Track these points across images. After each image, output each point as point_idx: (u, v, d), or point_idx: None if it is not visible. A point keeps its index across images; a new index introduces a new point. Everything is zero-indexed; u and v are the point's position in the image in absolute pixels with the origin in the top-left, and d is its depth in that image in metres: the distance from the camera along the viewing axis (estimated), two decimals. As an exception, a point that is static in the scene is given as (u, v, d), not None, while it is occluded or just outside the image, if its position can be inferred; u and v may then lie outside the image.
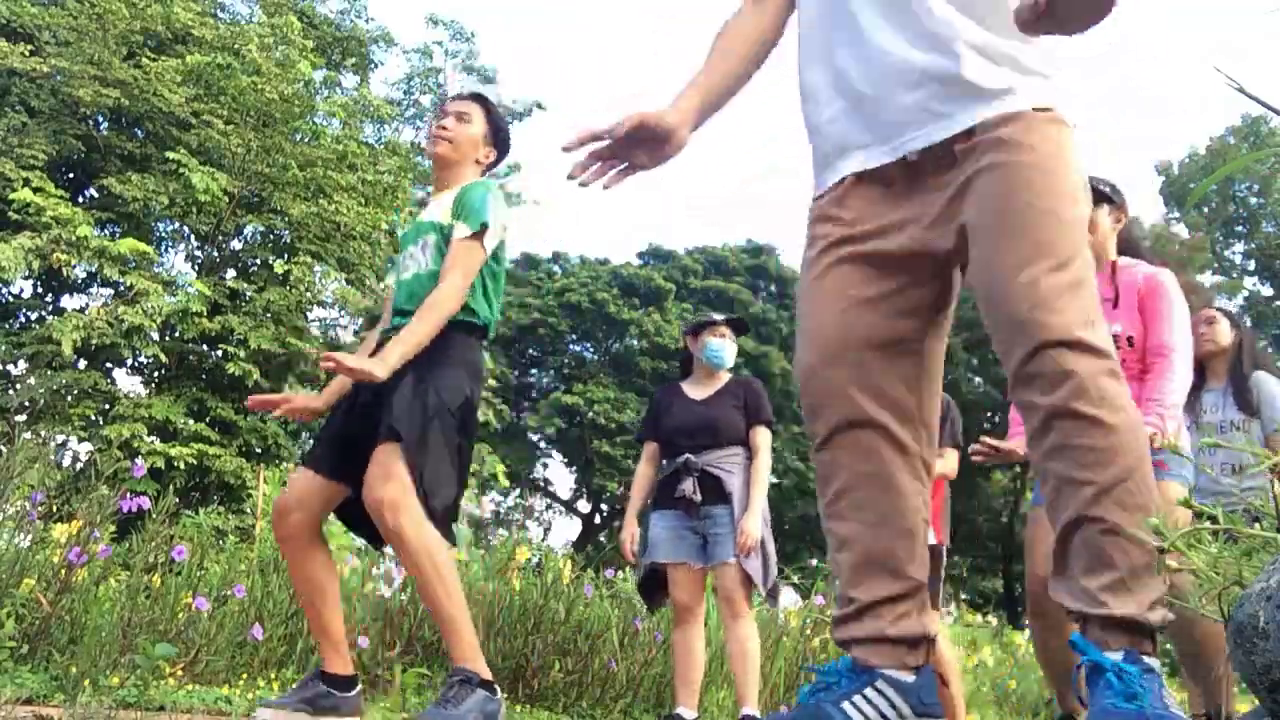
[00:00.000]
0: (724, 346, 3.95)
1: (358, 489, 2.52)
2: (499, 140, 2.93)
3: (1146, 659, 1.38)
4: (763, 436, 3.88)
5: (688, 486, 3.79)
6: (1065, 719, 2.75)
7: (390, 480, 2.40)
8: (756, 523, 3.72)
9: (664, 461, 3.98)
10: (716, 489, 3.79)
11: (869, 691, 1.53)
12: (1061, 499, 1.45)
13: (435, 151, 2.85)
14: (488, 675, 2.42)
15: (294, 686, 2.70)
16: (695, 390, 4.01)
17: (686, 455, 3.82)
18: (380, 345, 2.69)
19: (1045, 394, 1.45)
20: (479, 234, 2.64)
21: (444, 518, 2.47)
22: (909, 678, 1.56)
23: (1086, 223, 1.57)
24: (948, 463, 3.76)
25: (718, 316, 4.08)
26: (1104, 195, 2.90)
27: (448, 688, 2.35)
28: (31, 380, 8.95)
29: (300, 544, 2.58)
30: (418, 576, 2.43)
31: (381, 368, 2.40)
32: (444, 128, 2.84)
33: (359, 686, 2.67)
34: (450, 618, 2.41)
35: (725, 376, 4.02)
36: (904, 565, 1.60)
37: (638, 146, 1.66)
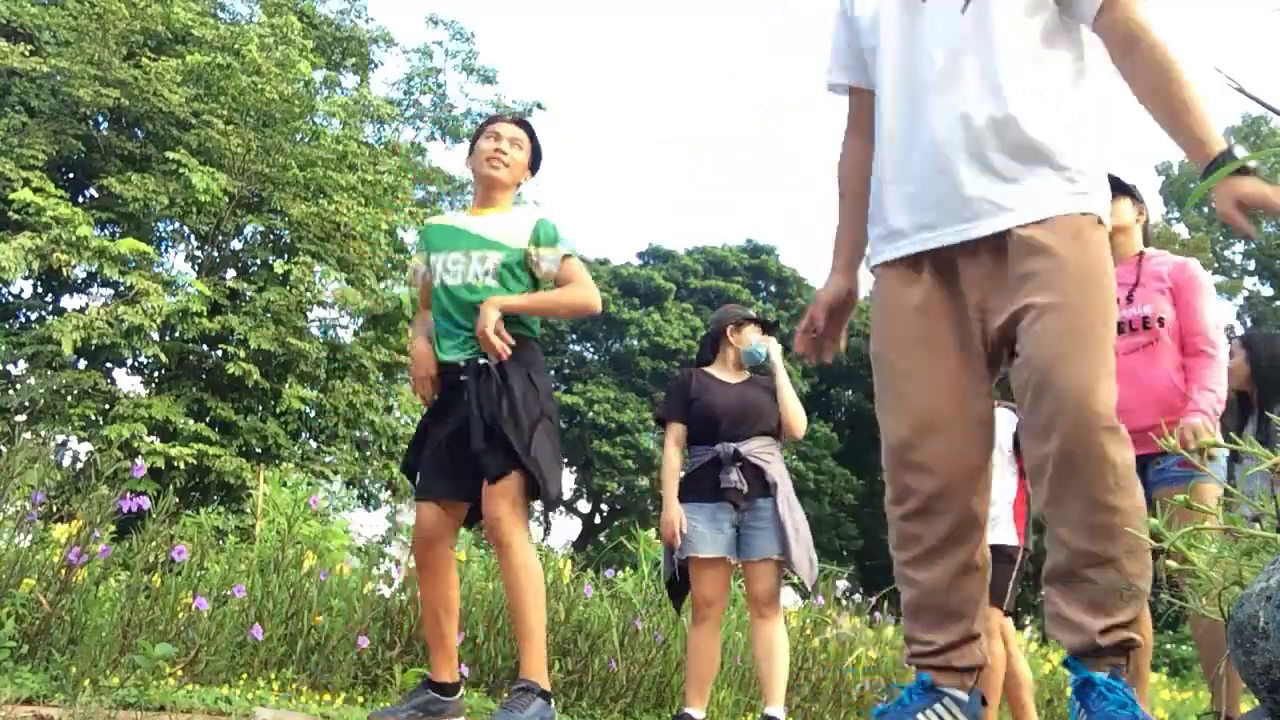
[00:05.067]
0: (758, 346, 3.87)
1: (473, 494, 2.88)
2: (536, 165, 3.18)
3: (1124, 672, 1.72)
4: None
5: (734, 477, 3.61)
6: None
7: (506, 498, 2.76)
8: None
9: (692, 447, 3.78)
10: (759, 479, 3.65)
11: (938, 706, 1.84)
12: (1059, 552, 1.75)
13: (494, 176, 3.05)
14: (548, 687, 2.75)
15: (404, 696, 3.02)
16: (726, 375, 3.88)
17: (733, 446, 3.64)
18: (450, 368, 2.96)
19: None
20: (572, 254, 3.02)
21: (558, 499, 2.92)
22: (966, 696, 1.87)
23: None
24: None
25: (754, 314, 4.01)
26: (1126, 188, 2.92)
27: (513, 695, 2.69)
28: (31, 380, 8.96)
29: (441, 569, 2.93)
30: (513, 587, 2.77)
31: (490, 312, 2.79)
32: (503, 153, 3.04)
33: (461, 692, 2.97)
34: (531, 631, 2.74)
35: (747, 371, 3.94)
36: (974, 617, 1.89)
37: (837, 316, 2.11)
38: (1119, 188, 2.84)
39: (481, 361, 2.84)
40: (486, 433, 2.76)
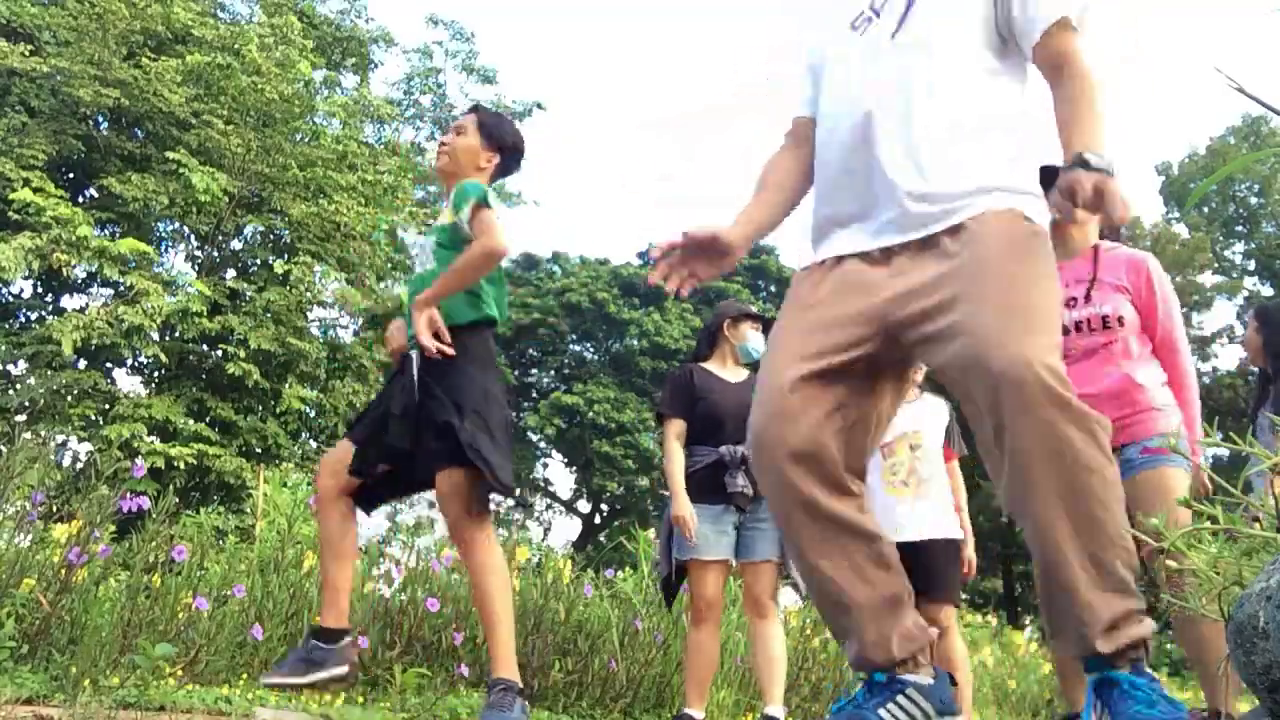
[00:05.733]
0: (751, 347, 3.84)
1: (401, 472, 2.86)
2: (496, 143, 3.05)
3: (1146, 668, 1.58)
4: None
5: (740, 482, 3.58)
6: (1069, 718, 2.74)
7: (457, 498, 2.72)
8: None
9: (694, 447, 3.73)
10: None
11: (900, 699, 1.73)
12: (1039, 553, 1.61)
13: (437, 167, 3.08)
14: (519, 682, 2.73)
15: (289, 650, 2.93)
16: (727, 373, 3.83)
17: (740, 450, 3.60)
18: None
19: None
20: (482, 203, 2.81)
21: (508, 487, 2.79)
22: (929, 680, 1.75)
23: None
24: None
25: (753, 310, 3.98)
26: None
27: (495, 694, 2.65)
28: (31, 380, 8.96)
29: (337, 507, 2.85)
30: (476, 585, 2.75)
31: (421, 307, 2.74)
32: (444, 144, 3.05)
33: (347, 639, 2.85)
34: (498, 628, 2.73)
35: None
36: (902, 589, 1.78)
37: (701, 257, 1.94)
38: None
39: (409, 350, 2.84)
40: (415, 427, 2.74)
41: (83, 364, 9.41)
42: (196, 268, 10.57)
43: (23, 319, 10.38)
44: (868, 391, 1.82)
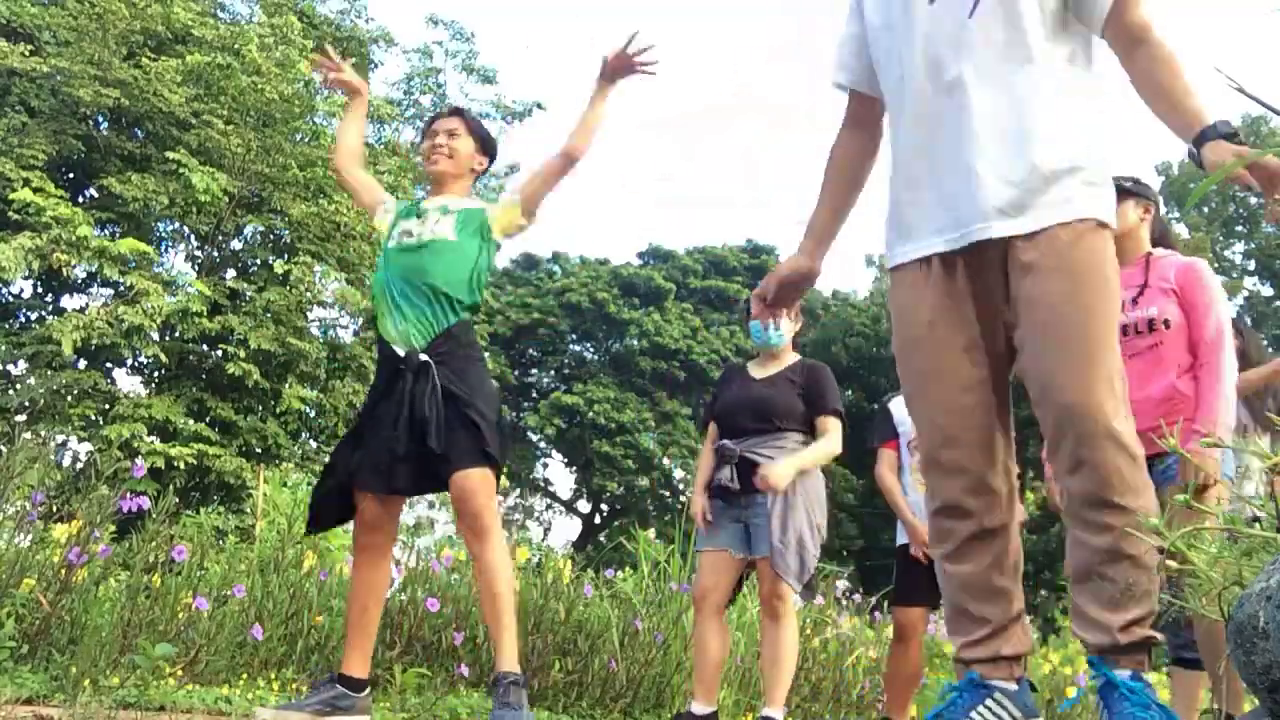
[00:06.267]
0: (760, 325, 3.70)
1: (418, 488, 2.92)
2: (487, 148, 3.15)
3: (1145, 672, 1.72)
4: (832, 425, 3.65)
5: (725, 474, 3.62)
6: None
7: (480, 495, 2.76)
8: (784, 472, 3.49)
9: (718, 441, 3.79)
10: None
11: (989, 702, 1.82)
12: (1078, 552, 1.77)
13: (437, 169, 3.06)
14: (520, 676, 2.77)
15: (310, 689, 2.92)
16: (758, 369, 3.83)
17: (732, 444, 3.63)
18: (384, 353, 2.94)
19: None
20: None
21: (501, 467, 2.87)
22: (1014, 686, 1.85)
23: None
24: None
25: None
26: (1126, 190, 2.91)
27: (503, 689, 2.69)
28: (31, 380, 8.95)
29: (378, 558, 2.91)
30: (489, 583, 2.77)
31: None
32: (440, 145, 3.05)
33: (369, 691, 2.91)
34: (506, 625, 2.77)
35: (791, 358, 3.82)
36: (1014, 599, 1.89)
37: (791, 289, 2.15)
38: (1120, 190, 2.83)
39: (422, 358, 2.81)
40: (448, 426, 2.77)
41: (83, 364, 9.41)
42: (196, 268, 10.57)
43: (23, 319, 10.37)
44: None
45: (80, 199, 10.36)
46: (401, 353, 2.84)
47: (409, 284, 2.88)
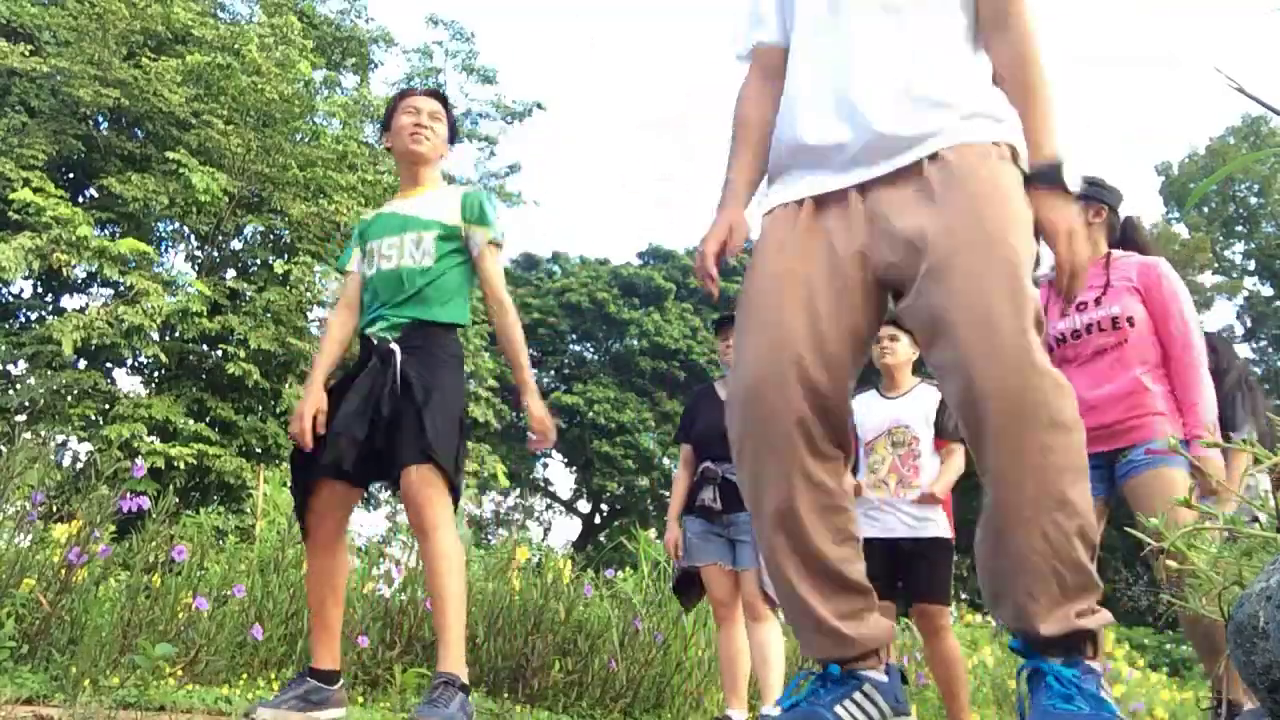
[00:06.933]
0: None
1: (375, 477, 2.85)
2: (453, 137, 3.13)
3: (1085, 661, 1.49)
4: None
5: (707, 495, 3.88)
6: None
7: (431, 488, 2.67)
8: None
9: (698, 464, 4.02)
10: (739, 496, 3.70)
11: (857, 695, 1.61)
12: (998, 519, 1.52)
13: (418, 151, 2.98)
14: (467, 680, 2.63)
15: (284, 686, 2.81)
16: (726, 391, 3.93)
17: (714, 466, 3.88)
18: (365, 342, 2.88)
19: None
20: (499, 245, 2.95)
21: (459, 491, 2.78)
22: (884, 678, 1.65)
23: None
24: (956, 459, 3.72)
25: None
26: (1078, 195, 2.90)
27: (435, 688, 2.55)
28: (31, 380, 8.95)
29: (331, 546, 2.82)
30: (433, 574, 2.66)
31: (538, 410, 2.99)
32: (423, 126, 2.98)
33: (342, 681, 2.83)
34: (451, 622, 2.63)
35: None
36: (868, 586, 1.69)
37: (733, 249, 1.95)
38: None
39: (391, 347, 2.77)
40: (398, 421, 2.71)
41: (83, 364, 9.41)
42: (196, 268, 10.57)
43: (23, 319, 10.37)
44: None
45: (80, 199, 10.36)
46: (375, 341, 2.83)
47: (392, 301, 2.85)
